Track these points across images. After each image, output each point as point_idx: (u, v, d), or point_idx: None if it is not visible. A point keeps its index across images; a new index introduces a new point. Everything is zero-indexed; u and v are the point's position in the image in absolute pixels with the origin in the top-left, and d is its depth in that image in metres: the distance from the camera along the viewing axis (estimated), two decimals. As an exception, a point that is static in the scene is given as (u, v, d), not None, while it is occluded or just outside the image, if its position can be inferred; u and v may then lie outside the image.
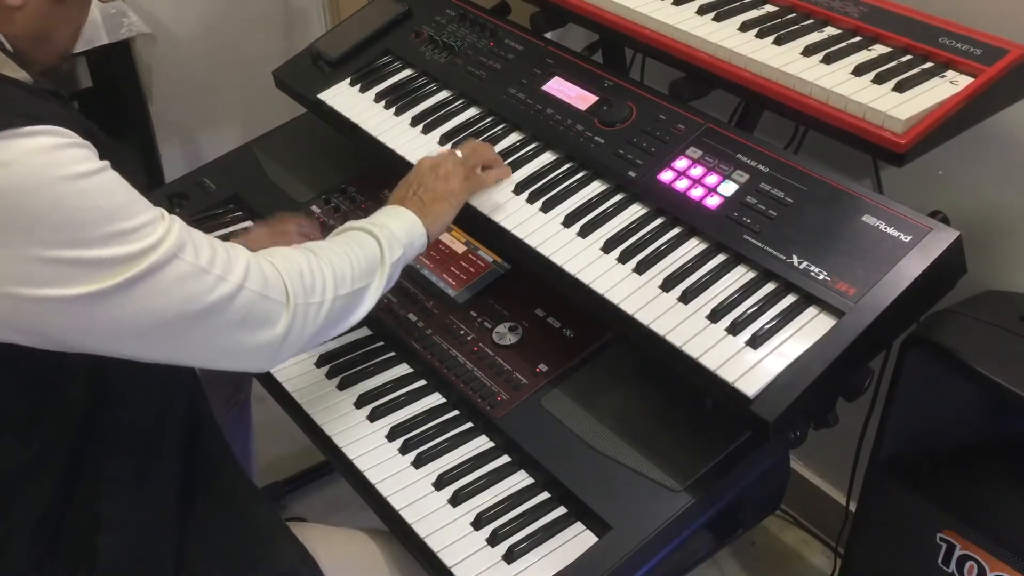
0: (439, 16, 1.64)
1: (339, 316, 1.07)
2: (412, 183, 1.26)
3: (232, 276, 0.94)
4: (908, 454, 1.34)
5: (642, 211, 1.26)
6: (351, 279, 1.07)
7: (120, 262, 0.86)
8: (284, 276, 1.00)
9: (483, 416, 1.24)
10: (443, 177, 1.26)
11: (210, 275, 0.92)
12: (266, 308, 0.97)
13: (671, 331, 1.11)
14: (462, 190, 1.27)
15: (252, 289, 0.95)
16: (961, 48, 1.23)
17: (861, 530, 1.43)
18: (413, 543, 1.12)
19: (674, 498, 1.09)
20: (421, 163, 1.29)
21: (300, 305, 1.00)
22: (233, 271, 0.94)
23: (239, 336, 0.96)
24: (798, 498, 1.93)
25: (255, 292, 0.95)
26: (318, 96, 1.60)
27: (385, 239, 1.14)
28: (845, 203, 1.16)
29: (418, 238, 1.20)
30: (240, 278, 0.94)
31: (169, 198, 1.69)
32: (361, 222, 1.18)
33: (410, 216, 1.20)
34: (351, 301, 1.08)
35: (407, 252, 1.17)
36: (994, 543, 1.22)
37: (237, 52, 2.71)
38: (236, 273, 0.94)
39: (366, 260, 1.11)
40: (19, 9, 0.94)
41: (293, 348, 1.02)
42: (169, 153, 2.63)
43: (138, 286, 0.87)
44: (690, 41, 1.33)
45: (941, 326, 1.24)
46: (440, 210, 1.24)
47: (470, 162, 1.31)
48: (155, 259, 0.87)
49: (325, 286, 1.04)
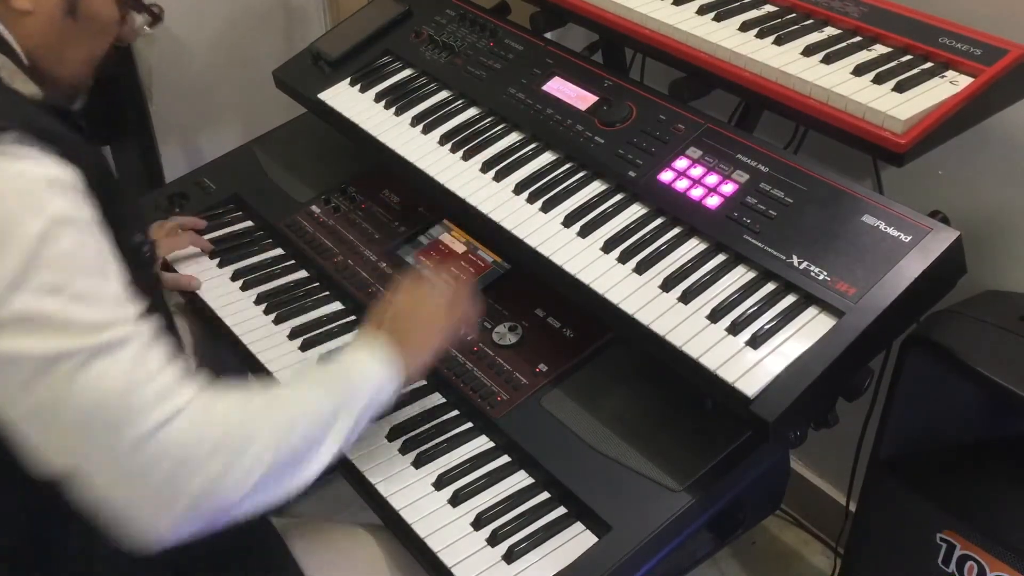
0: (439, 16, 1.64)
1: (279, 476, 0.90)
2: (388, 310, 1.12)
3: (164, 405, 0.81)
4: (908, 454, 1.34)
5: (642, 211, 1.26)
6: (300, 433, 0.92)
7: (58, 327, 0.77)
8: (220, 423, 0.85)
9: (483, 416, 1.24)
10: (423, 308, 1.14)
11: (144, 391, 0.80)
12: (185, 455, 0.82)
13: (671, 331, 1.11)
14: (441, 325, 1.15)
15: (181, 428, 0.82)
16: (961, 48, 1.23)
17: (861, 530, 1.43)
18: (413, 543, 1.12)
19: (674, 498, 1.09)
20: (399, 290, 1.16)
21: (227, 462, 0.84)
22: (168, 401, 0.82)
23: (140, 481, 0.80)
24: (798, 498, 1.93)
25: (183, 433, 0.82)
26: (318, 96, 1.60)
27: (350, 384, 1.00)
28: (845, 203, 1.16)
29: (388, 383, 1.04)
30: (171, 411, 0.81)
31: (169, 198, 1.69)
32: (326, 362, 1.05)
33: (384, 357, 1.05)
34: (296, 459, 0.91)
35: (373, 401, 1.02)
36: (994, 543, 1.22)
37: (237, 52, 2.71)
38: (170, 405, 0.82)
39: (321, 410, 0.96)
40: (29, 15, 0.93)
41: (200, 517, 0.84)
42: (169, 153, 2.63)
43: (63, 363, 0.77)
44: (690, 41, 1.33)
45: (941, 326, 1.24)
46: (419, 344, 1.10)
47: (448, 294, 1.18)
48: (95, 342, 0.78)
49: (265, 443, 0.87)
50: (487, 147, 1.41)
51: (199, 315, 1.50)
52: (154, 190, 1.81)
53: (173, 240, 1.53)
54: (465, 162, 1.40)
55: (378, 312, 1.13)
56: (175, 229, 1.54)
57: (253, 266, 1.53)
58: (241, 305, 1.46)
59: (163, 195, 1.70)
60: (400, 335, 1.08)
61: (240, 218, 1.65)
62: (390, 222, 1.56)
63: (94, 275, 0.82)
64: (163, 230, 1.53)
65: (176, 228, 1.54)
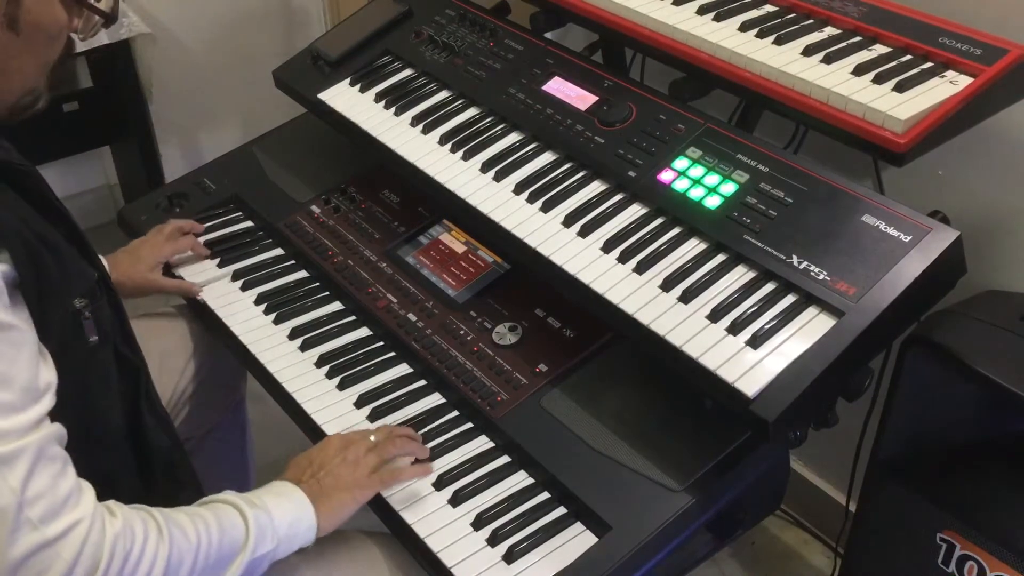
0: (439, 16, 1.64)
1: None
2: (314, 461, 1.11)
3: (47, 528, 0.80)
4: (908, 454, 1.34)
5: (642, 211, 1.26)
6: (187, 570, 0.91)
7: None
8: (106, 550, 0.84)
9: (483, 416, 1.24)
10: (351, 463, 1.11)
11: (22, 514, 0.79)
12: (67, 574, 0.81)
13: (671, 331, 1.11)
14: (370, 483, 1.11)
15: (62, 555, 0.81)
16: (961, 48, 1.23)
17: (861, 530, 1.43)
18: (413, 543, 1.12)
19: (674, 498, 1.09)
20: (329, 441, 1.15)
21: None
22: (53, 522, 0.81)
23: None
24: (798, 498, 1.93)
25: (62, 558, 0.81)
26: (318, 96, 1.60)
27: (257, 526, 0.98)
28: (845, 203, 1.16)
29: (304, 531, 1.03)
30: (55, 534, 0.81)
31: (169, 198, 1.69)
32: (238, 497, 1.01)
33: (302, 502, 1.04)
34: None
35: (281, 547, 1.00)
36: (994, 543, 1.22)
37: (237, 52, 2.72)
38: (55, 526, 0.81)
39: (218, 548, 0.94)
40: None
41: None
42: (169, 153, 2.63)
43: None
44: (690, 41, 1.33)
45: (941, 326, 1.24)
46: (341, 501, 1.08)
47: (384, 452, 1.14)
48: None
49: (149, 575, 0.87)
50: (487, 147, 1.41)
51: (199, 315, 1.50)
52: (154, 190, 1.80)
53: (173, 244, 1.52)
54: (465, 162, 1.40)
55: (299, 462, 1.12)
56: (175, 232, 1.54)
57: (253, 266, 1.53)
58: (241, 305, 1.46)
59: (163, 195, 1.71)
60: (320, 489, 1.08)
61: (240, 218, 1.65)
62: (390, 222, 1.56)
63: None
64: (162, 234, 1.53)
65: (176, 231, 1.54)
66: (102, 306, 1.05)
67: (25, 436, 0.81)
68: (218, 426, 1.59)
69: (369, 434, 1.16)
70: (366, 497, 1.11)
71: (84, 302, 1.00)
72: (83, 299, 1.00)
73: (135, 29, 2.26)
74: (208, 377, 1.50)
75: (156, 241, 1.51)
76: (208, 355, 1.50)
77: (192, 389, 1.48)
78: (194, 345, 1.49)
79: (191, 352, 1.49)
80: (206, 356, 1.50)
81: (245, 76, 2.69)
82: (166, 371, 1.44)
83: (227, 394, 1.60)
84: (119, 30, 2.23)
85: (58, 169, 2.63)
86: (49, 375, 0.89)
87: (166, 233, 1.53)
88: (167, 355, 1.45)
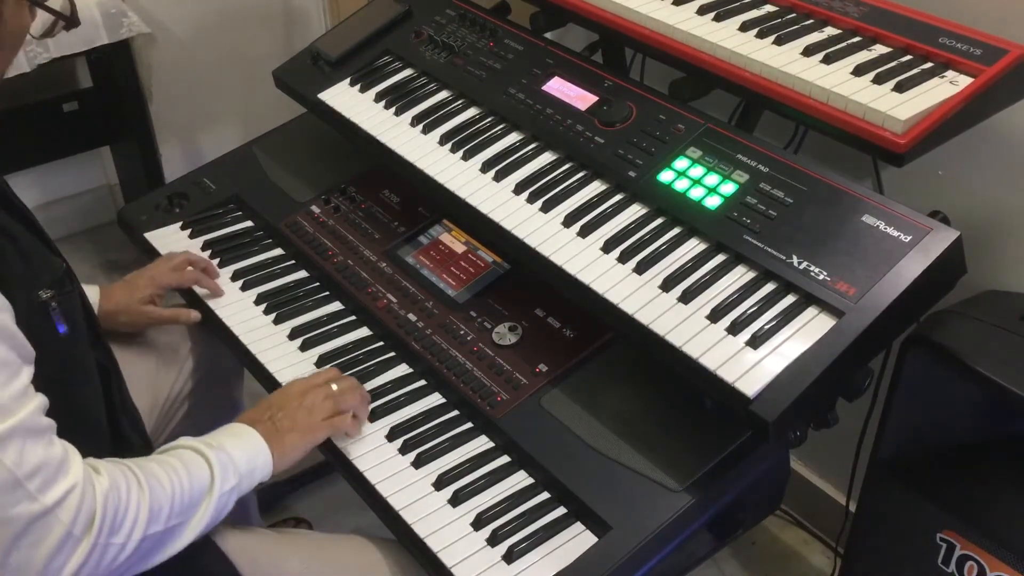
0: (439, 16, 1.64)
1: (144, 555, 0.97)
2: (272, 404, 1.17)
3: (45, 496, 0.86)
4: (908, 454, 1.34)
5: (642, 211, 1.26)
6: (167, 515, 0.98)
7: None
8: (99, 507, 0.91)
9: (483, 416, 1.24)
10: (307, 408, 1.16)
11: (20, 489, 0.85)
12: (62, 540, 0.88)
13: (671, 331, 1.11)
14: (322, 428, 1.17)
15: (61, 519, 0.87)
16: (961, 48, 1.23)
17: (861, 530, 1.43)
18: (413, 543, 1.12)
19: (674, 498, 1.09)
20: (290, 386, 1.21)
21: (100, 545, 0.91)
22: (50, 491, 0.87)
23: (17, 557, 0.86)
24: (798, 498, 1.93)
25: (61, 522, 0.87)
26: (318, 96, 1.60)
27: (219, 465, 1.04)
28: (845, 203, 1.16)
29: (261, 467, 1.10)
30: (52, 501, 0.87)
31: (169, 198, 1.69)
32: (197, 441, 1.07)
33: (257, 441, 1.11)
34: (162, 539, 0.98)
35: (244, 482, 1.07)
36: (994, 543, 1.22)
37: (237, 52, 2.72)
38: (51, 494, 0.87)
39: (190, 491, 1.01)
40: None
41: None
42: (169, 153, 2.63)
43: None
44: (690, 41, 1.33)
45: (941, 326, 1.24)
46: (292, 442, 1.14)
47: (341, 403, 1.20)
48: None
49: (135, 524, 0.94)
50: (487, 147, 1.41)
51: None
52: (154, 190, 1.80)
53: (179, 275, 1.46)
54: (465, 162, 1.40)
55: (261, 404, 1.18)
56: (183, 264, 1.47)
57: (253, 266, 1.53)
58: (241, 305, 1.46)
59: (163, 195, 1.70)
60: (275, 429, 1.13)
61: (240, 218, 1.65)
62: (390, 222, 1.56)
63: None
64: (170, 263, 1.47)
65: (185, 263, 1.47)
66: (70, 298, 1.06)
67: (12, 412, 0.85)
68: (216, 425, 1.59)
69: (331, 382, 1.21)
70: (316, 441, 1.17)
71: (50, 293, 1.01)
72: (49, 290, 1.01)
73: (135, 29, 2.26)
74: (206, 376, 1.50)
75: (159, 271, 1.45)
76: (206, 354, 1.50)
77: (190, 388, 1.48)
78: (192, 344, 1.49)
79: (189, 350, 1.49)
80: (204, 355, 1.50)
81: (245, 76, 2.69)
82: (164, 369, 1.44)
83: (225, 393, 1.60)
84: (119, 30, 2.23)
85: (58, 169, 2.63)
86: (29, 347, 0.91)
87: (174, 263, 1.47)
88: (165, 353, 1.45)
